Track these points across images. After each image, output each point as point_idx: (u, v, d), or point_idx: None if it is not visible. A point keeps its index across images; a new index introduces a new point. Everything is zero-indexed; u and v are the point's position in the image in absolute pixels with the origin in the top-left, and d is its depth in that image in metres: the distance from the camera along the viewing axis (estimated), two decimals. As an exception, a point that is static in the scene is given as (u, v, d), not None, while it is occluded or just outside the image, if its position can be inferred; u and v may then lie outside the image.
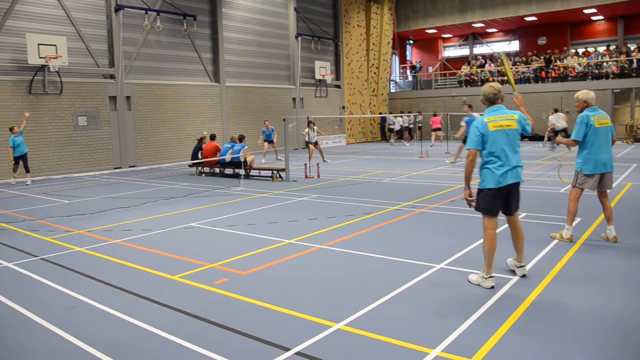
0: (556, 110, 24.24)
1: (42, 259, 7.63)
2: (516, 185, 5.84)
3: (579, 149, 7.41)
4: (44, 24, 18.88)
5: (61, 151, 19.30)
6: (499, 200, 5.80)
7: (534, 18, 33.31)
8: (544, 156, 20.84)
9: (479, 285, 5.82)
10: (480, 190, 5.86)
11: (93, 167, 19.99)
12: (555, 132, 23.04)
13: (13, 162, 16.39)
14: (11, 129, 16.30)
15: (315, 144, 21.00)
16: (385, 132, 34.79)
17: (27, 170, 16.56)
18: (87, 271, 6.88)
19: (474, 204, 5.96)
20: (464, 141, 15.79)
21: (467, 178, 5.81)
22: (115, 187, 15.62)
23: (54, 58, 18.14)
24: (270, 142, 22.44)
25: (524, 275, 6.11)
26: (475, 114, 16.42)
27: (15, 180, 16.31)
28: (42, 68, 18.29)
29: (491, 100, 5.86)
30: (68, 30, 19.48)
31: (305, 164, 16.65)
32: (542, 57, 32.59)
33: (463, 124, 17.66)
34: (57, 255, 7.77)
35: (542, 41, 36.06)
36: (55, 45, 18.28)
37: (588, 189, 7.51)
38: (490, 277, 5.79)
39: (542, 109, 29.66)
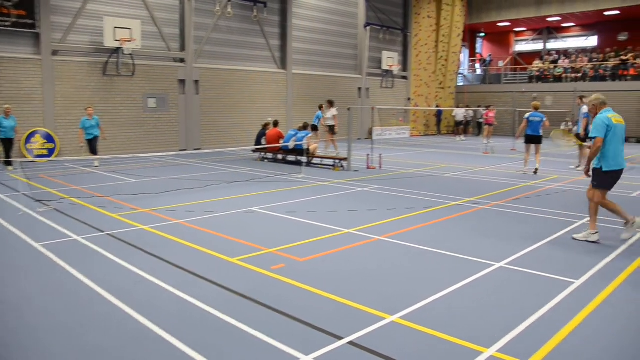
0: None
1: (108, 234, 7.91)
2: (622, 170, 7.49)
3: None
4: (121, 7, 19.52)
5: (130, 131, 19.98)
6: (616, 179, 7.45)
7: (616, 12, 31.63)
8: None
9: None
10: (601, 171, 7.38)
11: (160, 148, 20.58)
12: None
13: (83, 144, 16.33)
14: (86, 109, 16.43)
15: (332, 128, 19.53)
16: (440, 126, 34.84)
17: (95, 153, 16.37)
18: (150, 249, 7.09)
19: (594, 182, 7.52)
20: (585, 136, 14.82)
21: (590, 160, 7.52)
22: (180, 168, 16.02)
23: (128, 41, 18.74)
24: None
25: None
26: (585, 107, 15.25)
27: (97, 162, 16.21)
28: (117, 50, 18.95)
29: (604, 103, 7.55)
30: (142, 14, 20.08)
31: (368, 155, 16.53)
32: (620, 55, 30.93)
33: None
34: (123, 232, 8.04)
35: (623, 37, 34.22)
36: (130, 29, 18.88)
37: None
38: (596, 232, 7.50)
39: (619, 109, 28.30)
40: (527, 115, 14.84)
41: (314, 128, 20.14)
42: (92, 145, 16.49)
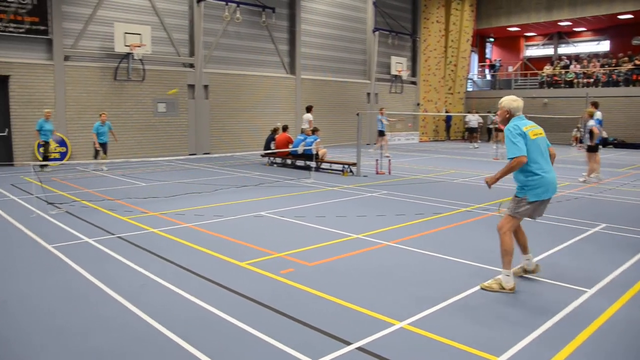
0: None
1: (118, 237, 7.96)
2: None
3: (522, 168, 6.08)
4: (131, 13, 19.67)
5: (140, 136, 20.09)
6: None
7: (629, 16, 31.26)
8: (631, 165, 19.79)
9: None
10: None
11: (169, 152, 20.68)
12: None
13: (98, 148, 16.43)
14: (100, 115, 16.71)
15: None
16: (449, 132, 35.00)
17: (104, 152, 16.63)
18: (160, 252, 7.12)
19: None
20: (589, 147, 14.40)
21: None
22: (189, 172, 16.09)
23: (138, 46, 18.89)
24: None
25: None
26: (599, 113, 15.02)
27: (105, 167, 16.71)
28: (127, 56, 19.08)
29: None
30: (152, 20, 20.22)
31: (377, 160, 16.52)
32: (635, 59, 30.59)
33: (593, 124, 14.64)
34: (133, 235, 8.08)
35: (637, 41, 33.92)
36: (140, 34, 19.04)
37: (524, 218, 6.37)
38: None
39: (633, 115, 28.16)
40: (592, 123, 14.40)
41: (381, 133, 21.00)
42: (103, 150, 16.74)
